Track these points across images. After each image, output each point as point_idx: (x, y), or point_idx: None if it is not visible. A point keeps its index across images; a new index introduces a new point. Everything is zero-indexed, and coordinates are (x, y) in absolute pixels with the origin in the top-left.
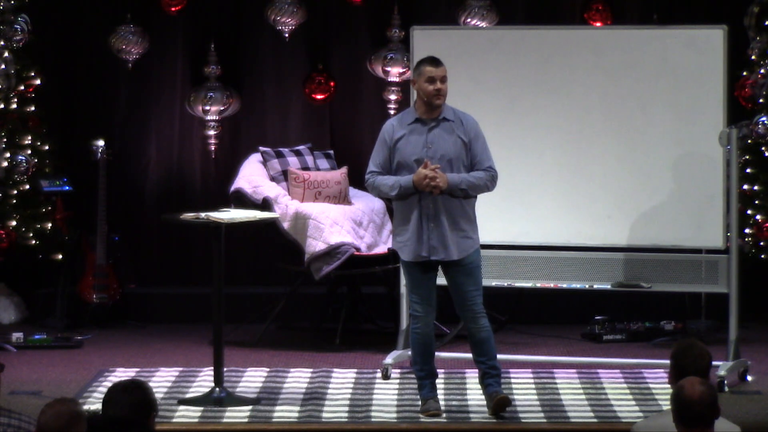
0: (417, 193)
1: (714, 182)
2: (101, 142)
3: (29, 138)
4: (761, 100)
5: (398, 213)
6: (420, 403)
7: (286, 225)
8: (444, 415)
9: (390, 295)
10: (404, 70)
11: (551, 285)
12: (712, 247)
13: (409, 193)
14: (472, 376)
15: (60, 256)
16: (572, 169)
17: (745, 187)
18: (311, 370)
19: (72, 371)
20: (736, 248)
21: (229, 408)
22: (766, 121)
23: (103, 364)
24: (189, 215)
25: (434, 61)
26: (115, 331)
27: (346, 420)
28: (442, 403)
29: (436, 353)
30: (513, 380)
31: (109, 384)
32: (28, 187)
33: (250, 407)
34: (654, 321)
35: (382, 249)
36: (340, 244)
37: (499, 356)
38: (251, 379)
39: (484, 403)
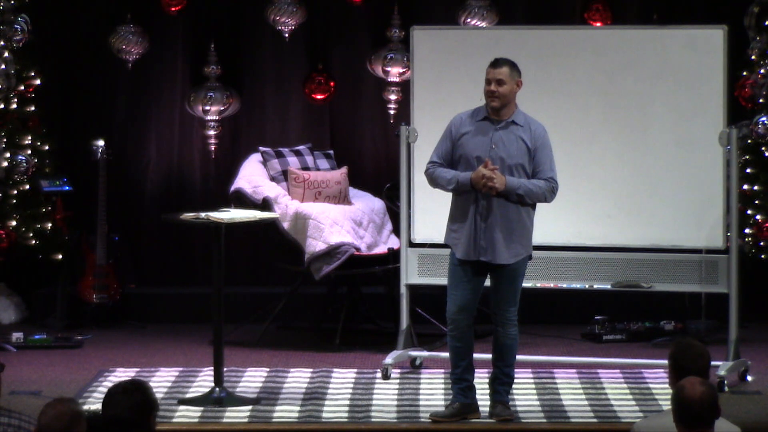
0: (473, 191)
1: (714, 182)
2: (101, 142)
3: (29, 138)
4: (761, 100)
5: (455, 208)
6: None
7: (286, 225)
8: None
9: (390, 295)
10: (404, 70)
11: (551, 285)
12: (712, 247)
13: (465, 190)
14: None
15: (60, 256)
16: (572, 168)
17: (745, 187)
18: (311, 370)
19: (72, 371)
20: (736, 248)
21: (229, 408)
22: (766, 121)
23: (103, 364)
24: (189, 215)
25: (493, 62)
26: (115, 331)
27: (346, 420)
28: (445, 403)
29: (437, 353)
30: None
31: (109, 384)
32: (28, 187)
33: (250, 407)
34: (654, 321)
35: (382, 249)
36: (340, 244)
37: None
38: (251, 379)
39: (485, 403)
